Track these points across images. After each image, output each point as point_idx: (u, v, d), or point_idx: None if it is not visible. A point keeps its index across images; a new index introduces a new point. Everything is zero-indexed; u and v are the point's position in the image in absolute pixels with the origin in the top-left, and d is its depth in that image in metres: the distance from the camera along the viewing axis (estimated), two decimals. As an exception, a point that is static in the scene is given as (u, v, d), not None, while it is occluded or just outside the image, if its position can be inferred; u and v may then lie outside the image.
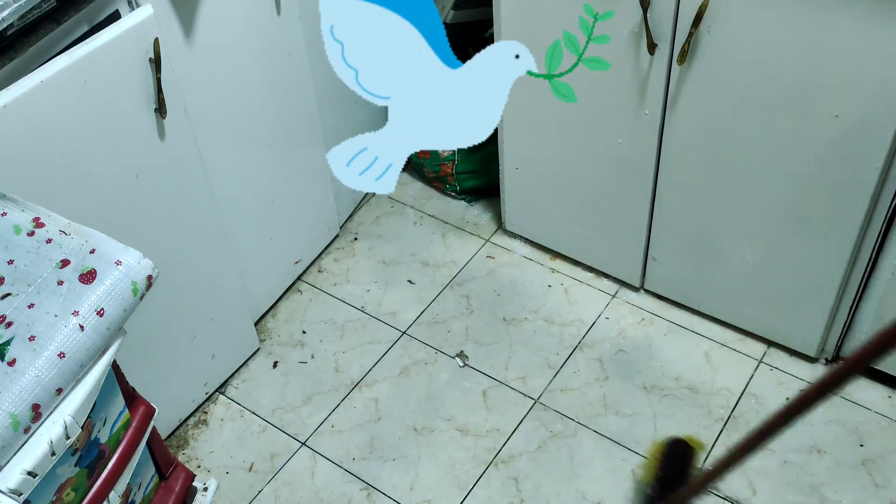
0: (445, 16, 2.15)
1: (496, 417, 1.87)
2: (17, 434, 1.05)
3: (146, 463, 1.49)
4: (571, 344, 1.99)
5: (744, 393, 1.88)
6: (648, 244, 1.95)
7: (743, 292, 1.89)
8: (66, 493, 1.21)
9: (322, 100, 1.97)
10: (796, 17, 1.43)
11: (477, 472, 1.79)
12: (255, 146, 1.85)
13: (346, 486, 1.79)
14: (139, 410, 1.39)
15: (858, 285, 1.74)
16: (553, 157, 1.95)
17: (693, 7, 1.50)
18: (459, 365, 1.97)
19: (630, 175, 1.84)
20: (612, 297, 2.08)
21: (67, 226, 1.18)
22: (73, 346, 1.09)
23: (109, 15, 1.41)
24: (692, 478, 1.32)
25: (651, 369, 1.93)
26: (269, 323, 2.09)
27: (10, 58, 1.26)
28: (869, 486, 1.72)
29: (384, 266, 2.20)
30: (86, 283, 1.13)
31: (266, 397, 1.95)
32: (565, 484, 1.76)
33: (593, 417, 1.86)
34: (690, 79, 1.61)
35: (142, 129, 1.48)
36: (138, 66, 1.41)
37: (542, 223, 2.12)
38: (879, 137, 1.49)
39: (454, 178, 2.29)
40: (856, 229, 1.63)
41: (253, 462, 1.84)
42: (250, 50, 1.73)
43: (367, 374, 1.97)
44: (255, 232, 1.95)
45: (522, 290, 2.11)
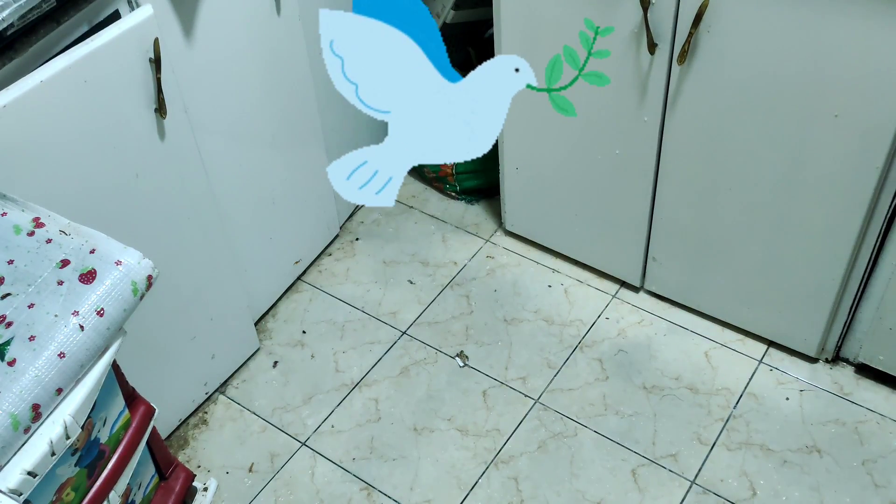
0: (445, 16, 2.15)
1: (496, 417, 1.87)
2: (17, 434, 1.05)
3: (146, 463, 1.49)
4: (571, 344, 1.99)
5: (744, 393, 1.88)
6: (648, 244, 1.95)
7: (743, 292, 1.89)
8: (66, 493, 1.21)
9: (322, 100, 1.97)
10: (796, 17, 1.43)
11: (477, 472, 1.79)
12: (255, 146, 1.85)
13: (346, 486, 1.79)
14: (139, 410, 1.39)
15: (858, 285, 1.74)
16: (553, 157, 1.95)
17: (693, 7, 1.50)
18: (459, 365, 1.97)
19: (630, 175, 1.84)
20: (612, 297, 2.08)
21: (67, 226, 1.18)
22: (73, 346, 1.09)
23: (109, 15, 1.41)
24: None
25: (651, 369, 1.93)
26: (269, 323, 2.09)
27: (10, 58, 1.26)
28: (869, 486, 1.72)
29: (384, 266, 2.20)
30: (86, 283, 1.13)
31: (266, 397, 1.95)
32: (565, 484, 1.76)
33: (593, 417, 1.86)
34: (690, 79, 1.61)
35: (142, 129, 1.48)
36: (138, 66, 1.41)
37: (542, 223, 2.12)
38: (879, 137, 1.49)
39: (454, 178, 2.29)
40: (856, 229, 1.63)
41: (253, 462, 1.84)
42: (250, 50, 1.73)
43: (367, 374, 1.97)
44: (255, 232, 1.95)
45: (522, 290, 2.11)
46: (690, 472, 1.76)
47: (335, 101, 2.03)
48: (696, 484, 1.75)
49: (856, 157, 1.53)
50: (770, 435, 1.80)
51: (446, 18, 2.15)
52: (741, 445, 1.79)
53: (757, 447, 1.79)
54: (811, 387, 1.88)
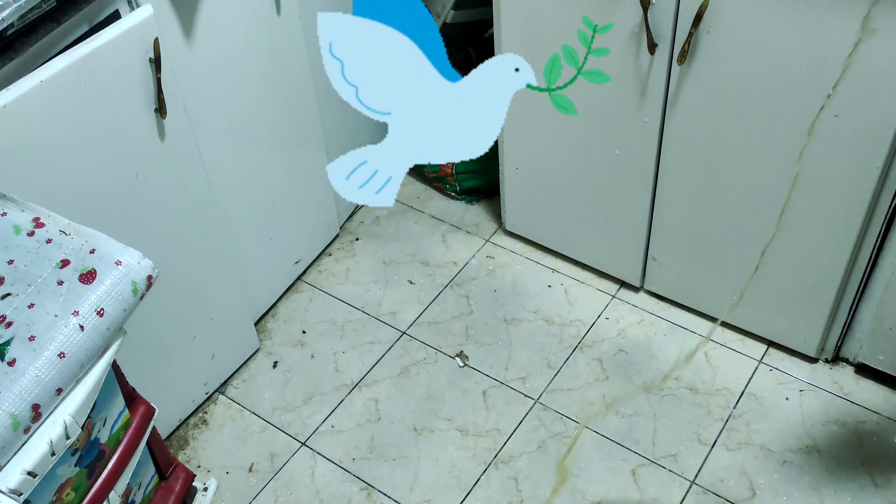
0: (445, 16, 2.15)
1: (496, 417, 1.87)
2: (17, 434, 1.05)
3: (146, 463, 1.49)
4: (571, 344, 1.99)
5: (744, 393, 1.87)
6: (648, 244, 1.95)
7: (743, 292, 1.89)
8: (66, 493, 1.21)
9: (322, 100, 1.97)
10: (796, 17, 1.43)
11: (477, 472, 1.79)
12: (255, 146, 1.85)
13: (346, 486, 1.79)
14: (139, 410, 1.39)
15: (858, 285, 1.74)
16: (553, 157, 1.95)
17: (693, 7, 1.50)
18: (459, 365, 1.97)
19: (630, 175, 1.84)
20: (612, 297, 2.08)
21: (67, 226, 1.18)
22: (73, 346, 1.09)
23: (109, 15, 1.41)
24: None
25: (651, 369, 1.93)
26: (269, 323, 2.09)
27: (10, 58, 1.26)
28: (869, 486, 1.72)
29: (384, 266, 2.20)
30: (86, 283, 1.13)
31: (266, 397, 1.95)
32: (565, 484, 1.76)
33: (593, 417, 1.86)
34: (690, 79, 1.61)
35: (142, 129, 1.48)
36: (138, 66, 1.41)
37: (542, 223, 2.12)
38: (879, 137, 1.49)
39: (454, 178, 2.29)
40: (856, 229, 1.63)
41: (253, 462, 1.84)
42: (250, 50, 1.73)
43: (367, 374, 1.97)
44: (255, 232, 1.95)
45: (522, 290, 2.11)
46: (690, 472, 1.76)
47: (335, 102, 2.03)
48: (696, 484, 1.75)
49: (856, 157, 1.53)
50: (770, 435, 1.80)
51: (446, 18, 2.15)
52: (741, 445, 1.79)
53: (757, 447, 1.79)
54: (811, 387, 1.88)
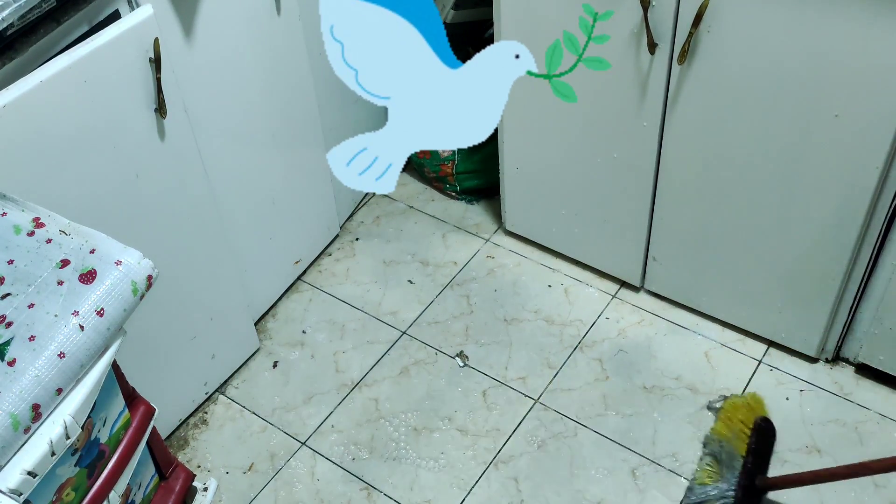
0: (445, 16, 2.15)
1: (496, 417, 1.87)
2: (17, 434, 1.05)
3: (146, 463, 1.49)
4: (571, 344, 1.99)
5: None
6: (648, 244, 1.95)
7: (743, 292, 1.89)
8: (66, 493, 1.21)
9: (322, 99, 1.97)
10: (796, 17, 1.43)
11: (477, 472, 1.79)
12: (255, 146, 1.85)
13: (346, 486, 1.79)
14: (139, 410, 1.39)
15: (858, 285, 1.74)
16: (553, 157, 1.95)
17: (693, 7, 1.50)
18: (459, 365, 1.97)
19: (630, 175, 1.84)
20: (612, 297, 2.08)
21: (67, 226, 1.18)
22: (73, 346, 1.09)
23: (109, 15, 1.41)
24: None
25: (651, 369, 1.93)
26: (269, 323, 2.09)
27: (10, 58, 1.26)
28: (869, 485, 1.72)
29: (384, 266, 2.20)
30: (86, 283, 1.13)
31: (266, 397, 1.95)
32: (565, 484, 1.76)
33: (593, 417, 1.86)
34: (691, 78, 1.61)
35: (142, 129, 1.48)
36: (138, 66, 1.41)
37: (542, 223, 2.12)
38: (879, 137, 1.49)
39: (454, 178, 2.29)
40: (856, 229, 1.63)
41: (253, 462, 1.84)
42: (250, 50, 1.73)
43: (367, 374, 1.97)
44: (255, 232, 1.95)
45: (522, 290, 2.11)
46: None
47: (335, 101, 2.04)
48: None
49: (856, 157, 1.53)
50: (770, 435, 1.81)
51: (446, 18, 2.15)
52: (741, 445, 1.79)
53: (757, 447, 1.79)
54: (811, 387, 1.88)
